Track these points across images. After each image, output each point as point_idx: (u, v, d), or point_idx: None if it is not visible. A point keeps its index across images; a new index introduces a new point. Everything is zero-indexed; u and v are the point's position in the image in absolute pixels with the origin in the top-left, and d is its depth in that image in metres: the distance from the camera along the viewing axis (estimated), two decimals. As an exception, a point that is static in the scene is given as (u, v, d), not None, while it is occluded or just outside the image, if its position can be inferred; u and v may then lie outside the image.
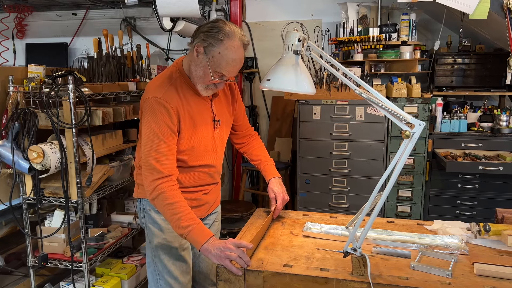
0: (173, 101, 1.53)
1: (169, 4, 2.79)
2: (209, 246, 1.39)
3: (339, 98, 3.12)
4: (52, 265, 2.36)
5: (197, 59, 1.52)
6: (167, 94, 1.53)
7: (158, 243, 1.69)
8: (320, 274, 1.28)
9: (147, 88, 1.60)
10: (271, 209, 1.76)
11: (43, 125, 2.24)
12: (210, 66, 1.49)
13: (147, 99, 1.54)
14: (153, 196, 1.49)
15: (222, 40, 1.46)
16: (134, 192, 1.81)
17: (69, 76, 2.16)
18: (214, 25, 1.48)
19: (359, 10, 3.56)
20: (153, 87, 1.58)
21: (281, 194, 1.76)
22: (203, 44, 1.48)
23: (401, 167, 1.21)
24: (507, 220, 1.59)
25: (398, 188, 3.14)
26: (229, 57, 1.48)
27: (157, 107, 1.50)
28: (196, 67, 1.53)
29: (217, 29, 1.47)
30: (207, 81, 1.54)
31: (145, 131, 1.53)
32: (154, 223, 1.69)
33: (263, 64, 4.26)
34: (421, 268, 1.30)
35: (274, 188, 1.78)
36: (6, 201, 2.29)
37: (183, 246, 1.72)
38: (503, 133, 3.04)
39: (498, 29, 2.84)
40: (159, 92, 1.53)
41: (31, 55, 4.55)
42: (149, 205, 1.70)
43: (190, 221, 1.45)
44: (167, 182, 1.49)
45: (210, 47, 1.47)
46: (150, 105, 1.52)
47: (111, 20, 4.47)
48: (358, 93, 1.31)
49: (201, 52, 1.49)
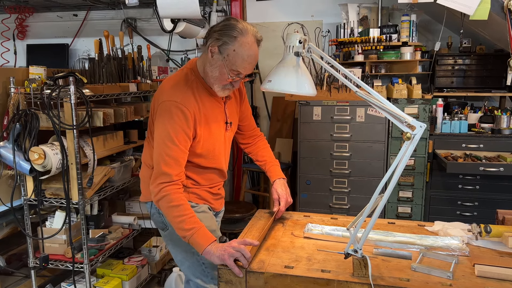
0: (191, 106, 1.52)
1: (170, 5, 2.79)
2: (211, 248, 1.40)
3: (339, 99, 3.12)
4: (53, 266, 2.37)
5: (212, 60, 1.51)
6: (185, 98, 1.52)
7: (181, 245, 1.63)
8: (321, 275, 1.28)
9: (162, 89, 1.57)
10: (274, 210, 1.76)
11: (44, 126, 2.25)
12: (226, 65, 1.48)
13: (164, 101, 1.52)
14: (158, 198, 1.49)
15: (236, 37, 1.45)
16: (141, 196, 1.76)
17: (70, 77, 2.16)
18: (226, 23, 1.48)
19: (359, 11, 3.56)
20: (168, 89, 1.55)
21: (284, 196, 1.76)
22: (217, 43, 1.47)
23: (402, 169, 1.21)
24: (508, 221, 1.59)
25: (398, 189, 3.14)
26: (244, 53, 1.47)
27: (175, 112, 1.49)
28: (212, 68, 1.52)
29: (230, 27, 1.46)
30: (224, 81, 1.53)
31: (160, 134, 1.50)
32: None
33: (264, 65, 4.26)
34: (422, 269, 1.30)
35: (278, 189, 1.78)
36: (7, 202, 2.29)
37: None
38: (504, 134, 3.03)
39: (499, 30, 2.84)
40: (176, 96, 1.51)
41: (32, 56, 4.55)
42: None
43: (194, 224, 1.45)
44: (173, 185, 1.49)
45: (225, 45, 1.46)
46: (167, 108, 1.50)
47: (112, 21, 4.47)
48: (358, 95, 1.31)
49: (216, 51, 1.48)
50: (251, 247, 1.39)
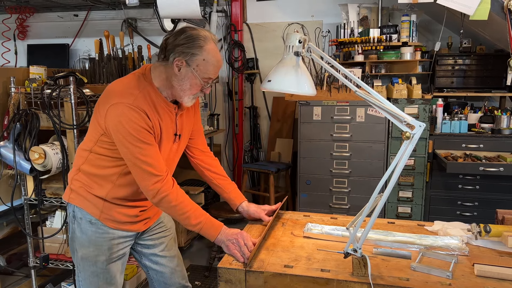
0: (145, 108, 1.45)
1: (170, 5, 2.80)
2: (222, 237, 1.49)
3: (339, 99, 3.12)
4: (54, 265, 2.37)
5: (179, 74, 1.47)
6: (138, 100, 1.45)
7: (83, 255, 1.59)
8: (321, 275, 1.28)
9: (109, 92, 1.48)
10: (274, 208, 1.77)
11: (45, 126, 2.25)
12: (198, 75, 1.46)
13: (114, 104, 1.42)
14: (156, 201, 1.48)
15: (202, 46, 1.44)
16: (64, 194, 1.65)
17: (70, 77, 2.17)
18: (188, 35, 1.45)
19: (359, 11, 3.57)
20: (118, 92, 1.47)
21: (267, 206, 1.77)
22: (184, 57, 1.44)
23: (401, 168, 1.21)
24: (507, 221, 1.59)
25: (398, 189, 3.14)
26: (214, 60, 1.47)
27: (130, 113, 1.41)
28: (180, 82, 1.48)
29: (193, 38, 1.44)
30: (195, 91, 1.51)
31: (124, 139, 1.42)
32: (82, 234, 1.58)
33: (264, 65, 4.27)
34: (421, 269, 1.30)
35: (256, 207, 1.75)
36: (7, 201, 2.30)
37: (112, 259, 1.61)
38: (504, 134, 3.04)
39: (499, 30, 2.84)
40: (127, 98, 1.43)
41: (33, 56, 4.56)
42: (81, 214, 1.58)
43: (199, 218, 1.50)
44: (166, 183, 1.47)
45: (193, 57, 1.44)
46: (120, 111, 1.41)
47: (112, 21, 4.48)
48: (358, 95, 1.31)
49: (183, 65, 1.45)
50: (253, 247, 1.43)
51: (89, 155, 1.56)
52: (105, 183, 1.55)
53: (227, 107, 4.41)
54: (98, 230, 1.57)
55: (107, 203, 1.56)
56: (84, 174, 1.57)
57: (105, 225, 1.57)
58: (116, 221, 1.58)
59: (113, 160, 1.52)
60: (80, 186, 1.57)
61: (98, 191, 1.55)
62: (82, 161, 1.58)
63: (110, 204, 1.57)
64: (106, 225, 1.57)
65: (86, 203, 1.56)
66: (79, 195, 1.58)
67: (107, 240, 1.58)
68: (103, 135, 1.50)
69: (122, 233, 1.61)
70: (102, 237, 1.57)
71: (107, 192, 1.55)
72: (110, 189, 1.55)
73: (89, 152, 1.55)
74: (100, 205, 1.56)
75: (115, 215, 1.58)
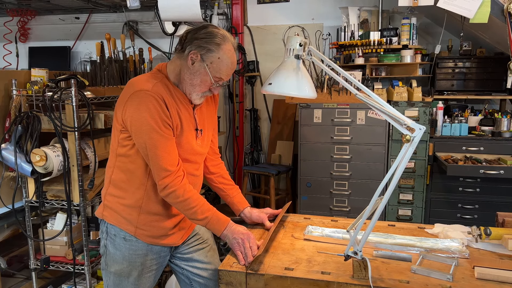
0: (164, 95, 1.44)
1: (171, 8, 2.81)
2: (228, 233, 1.51)
3: (340, 101, 3.13)
4: (54, 267, 2.37)
5: (192, 67, 1.46)
6: (157, 87, 1.44)
7: (116, 271, 1.57)
8: (321, 277, 1.28)
9: (129, 85, 1.48)
10: (276, 212, 1.77)
11: (46, 128, 2.26)
12: (210, 72, 1.46)
13: (135, 92, 1.42)
14: (164, 195, 1.47)
15: (220, 44, 1.44)
16: (97, 211, 1.63)
17: (71, 79, 2.18)
18: (208, 31, 1.46)
19: (360, 14, 3.58)
20: (136, 82, 1.47)
21: (269, 210, 1.78)
22: (200, 51, 1.44)
23: (401, 171, 1.21)
24: (508, 223, 1.60)
25: (399, 191, 3.14)
26: (229, 61, 1.47)
27: (149, 100, 1.40)
28: (192, 75, 1.47)
29: (212, 35, 1.45)
30: (204, 88, 1.50)
31: (140, 129, 1.42)
32: (116, 250, 1.56)
33: (265, 68, 4.28)
34: (421, 271, 1.31)
35: (259, 213, 1.74)
36: (8, 203, 2.30)
37: (144, 273, 1.59)
38: (504, 136, 3.04)
39: (499, 33, 2.85)
40: (147, 85, 1.43)
41: (34, 58, 4.57)
42: (114, 231, 1.55)
43: (206, 212, 1.50)
44: (175, 178, 1.46)
45: (209, 53, 1.44)
46: (140, 99, 1.41)
47: (114, 24, 4.49)
48: (358, 97, 1.32)
49: (198, 59, 1.45)
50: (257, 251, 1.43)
51: (116, 162, 1.54)
52: (136, 189, 1.52)
53: (228, 110, 4.42)
54: (132, 246, 1.54)
55: (142, 216, 1.53)
56: (115, 187, 1.55)
57: (140, 241, 1.55)
58: (151, 236, 1.56)
59: (136, 159, 1.50)
60: (113, 200, 1.55)
61: (131, 200, 1.52)
62: (111, 171, 1.56)
63: (145, 216, 1.54)
64: (141, 240, 1.55)
65: (120, 220, 1.54)
66: (113, 211, 1.55)
67: (141, 256, 1.56)
68: (122, 132, 1.48)
69: (157, 248, 1.59)
70: (136, 254, 1.55)
71: (141, 198, 1.52)
72: (143, 195, 1.52)
73: (115, 157, 1.53)
74: (134, 220, 1.53)
75: (150, 229, 1.55)
